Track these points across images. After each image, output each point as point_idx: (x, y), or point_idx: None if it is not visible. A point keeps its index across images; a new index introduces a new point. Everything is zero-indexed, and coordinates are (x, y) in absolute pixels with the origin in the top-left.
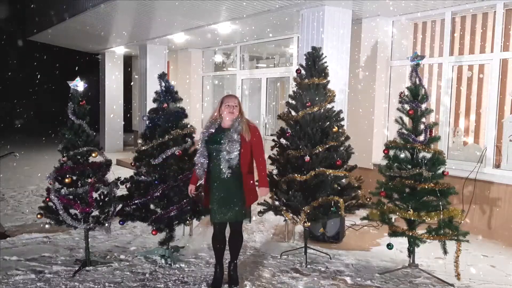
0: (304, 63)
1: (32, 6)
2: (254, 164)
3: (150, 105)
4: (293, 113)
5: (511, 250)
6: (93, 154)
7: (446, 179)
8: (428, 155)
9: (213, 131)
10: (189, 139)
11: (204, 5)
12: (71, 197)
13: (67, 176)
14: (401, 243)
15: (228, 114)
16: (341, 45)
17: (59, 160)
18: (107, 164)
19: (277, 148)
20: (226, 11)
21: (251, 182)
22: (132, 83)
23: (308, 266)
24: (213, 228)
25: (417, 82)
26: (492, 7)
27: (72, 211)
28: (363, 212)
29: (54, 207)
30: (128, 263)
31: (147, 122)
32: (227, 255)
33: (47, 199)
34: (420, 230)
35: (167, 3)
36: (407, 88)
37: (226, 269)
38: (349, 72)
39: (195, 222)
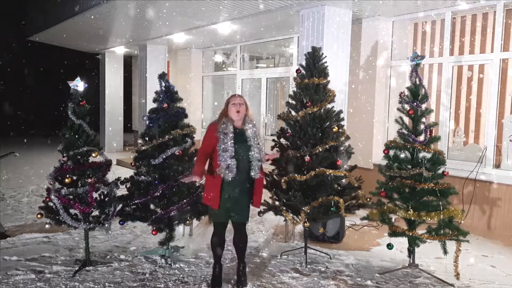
0: (304, 63)
1: (32, 6)
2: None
3: (150, 105)
4: (293, 113)
5: (511, 250)
6: (93, 154)
7: (446, 179)
8: (428, 155)
9: (232, 131)
10: (189, 139)
11: (204, 5)
12: (71, 197)
13: (67, 176)
14: (401, 243)
15: (235, 113)
16: (341, 45)
17: (59, 160)
18: (107, 164)
19: (277, 148)
20: (226, 11)
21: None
22: (132, 83)
23: (308, 266)
24: (215, 229)
25: (417, 82)
26: (492, 7)
27: (72, 211)
28: (363, 212)
29: (54, 207)
30: (128, 263)
31: (147, 122)
32: (225, 254)
33: (47, 199)
34: (420, 230)
35: (167, 3)
36: (407, 88)
37: (226, 269)
38: (349, 72)
39: (195, 222)
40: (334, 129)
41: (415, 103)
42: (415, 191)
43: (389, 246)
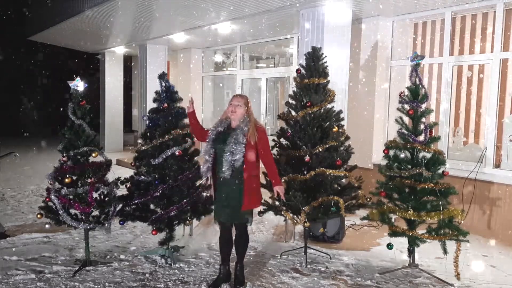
0: (304, 63)
1: (32, 6)
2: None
3: (150, 105)
4: (293, 113)
5: (511, 250)
6: (93, 154)
7: (446, 179)
8: (428, 155)
9: (221, 130)
10: (189, 139)
11: (204, 5)
12: (71, 197)
13: (67, 176)
14: (401, 243)
15: (231, 114)
16: (341, 45)
17: (59, 160)
18: (107, 164)
19: (277, 148)
20: (226, 11)
21: (254, 185)
22: (132, 83)
23: (308, 266)
24: (219, 227)
25: (417, 82)
26: (492, 7)
27: (72, 211)
28: (363, 212)
29: (54, 207)
30: (128, 263)
31: (147, 122)
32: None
33: (47, 199)
34: (420, 230)
35: (167, 3)
36: (407, 88)
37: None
38: (349, 72)
39: (195, 222)
40: (334, 129)
41: (415, 103)
42: (415, 191)
43: (389, 246)
